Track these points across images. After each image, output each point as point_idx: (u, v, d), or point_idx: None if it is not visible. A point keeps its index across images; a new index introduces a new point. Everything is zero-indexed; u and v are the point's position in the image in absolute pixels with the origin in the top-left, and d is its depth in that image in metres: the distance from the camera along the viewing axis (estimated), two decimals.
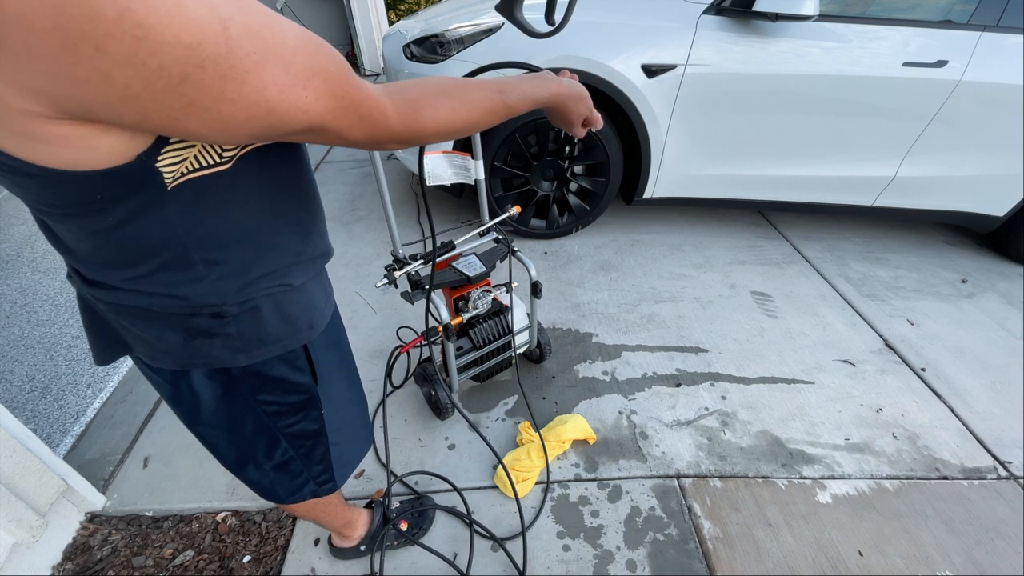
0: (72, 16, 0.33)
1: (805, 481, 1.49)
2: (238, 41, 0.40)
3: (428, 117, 0.58)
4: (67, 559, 1.31)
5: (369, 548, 1.26)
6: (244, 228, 0.59)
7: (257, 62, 0.41)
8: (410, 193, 3.08)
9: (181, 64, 0.37)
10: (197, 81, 0.39)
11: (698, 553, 1.31)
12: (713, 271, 2.41)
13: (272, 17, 0.43)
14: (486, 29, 2.14)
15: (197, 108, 0.41)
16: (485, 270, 1.46)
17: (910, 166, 2.32)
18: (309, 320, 0.72)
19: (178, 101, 0.39)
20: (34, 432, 1.27)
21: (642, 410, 1.70)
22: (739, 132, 2.27)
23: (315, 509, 1.07)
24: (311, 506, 1.04)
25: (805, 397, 1.77)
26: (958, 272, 2.49)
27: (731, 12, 2.04)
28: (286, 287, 0.67)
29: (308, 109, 0.46)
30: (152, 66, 0.37)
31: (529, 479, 1.45)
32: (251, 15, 0.41)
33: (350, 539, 1.25)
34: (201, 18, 0.37)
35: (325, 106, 0.48)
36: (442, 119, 0.59)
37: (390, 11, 6.12)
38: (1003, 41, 2.06)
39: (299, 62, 0.44)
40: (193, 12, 0.37)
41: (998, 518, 1.41)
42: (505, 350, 1.63)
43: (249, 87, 0.42)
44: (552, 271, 2.39)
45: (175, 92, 0.39)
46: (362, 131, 0.53)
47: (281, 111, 0.45)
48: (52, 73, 0.36)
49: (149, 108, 0.39)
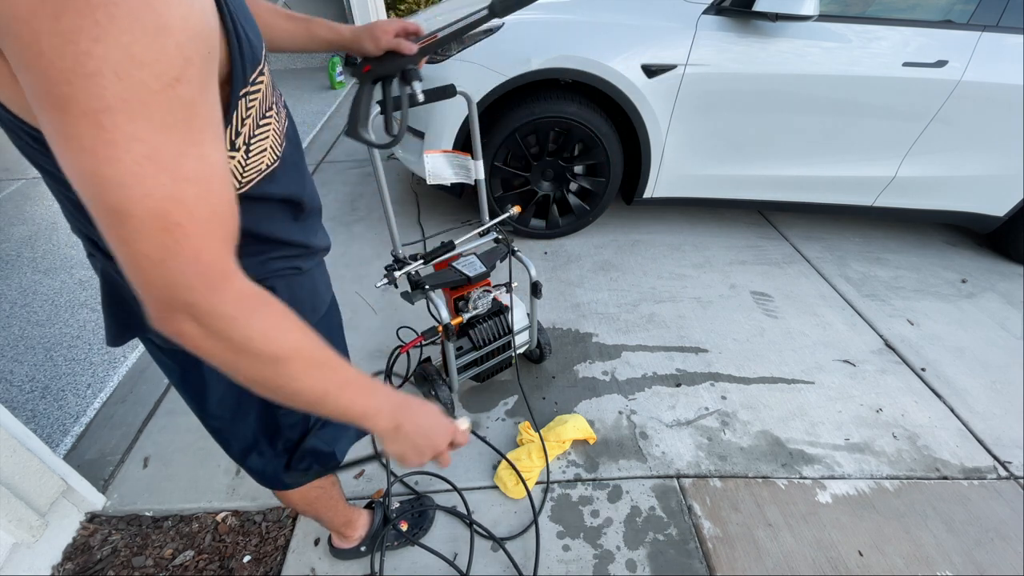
0: None
1: (805, 481, 1.49)
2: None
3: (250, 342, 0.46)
4: (67, 559, 1.31)
5: (369, 549, 1.26)
6: (261, 223, 0.63)
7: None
8: (410, 193, 3.08)
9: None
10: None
11: (698, 553, 1.31)
12: (713, 271, 2.41)
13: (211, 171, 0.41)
14: (486, 29, 2.14)
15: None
16: (485, 270, 1.46)
17: (910, 166, 2.32)
18: (312, 303, 0.77)
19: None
20: (34, 432, 1.27)
21: (642, 410, 1.70)
22: (739, 132, 2.27)
23: (317, 504, 1.07)
24: (313, 500, 1.04)
25: (805, 397, 1.77)
26: (958, 272, 2.49)
27: (731, 12, 2.04)
28: (296, 270, 0.72)
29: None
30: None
31: (529, 479, 1.45)
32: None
33: (350, 539, 1.24)
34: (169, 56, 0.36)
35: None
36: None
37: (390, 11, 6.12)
38: (1003, 41, 2.06)
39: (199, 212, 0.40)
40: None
41: (998, 518, 1.41)
42: (505, 350, 1.63)
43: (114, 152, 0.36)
44: (552, 271, 2.39)
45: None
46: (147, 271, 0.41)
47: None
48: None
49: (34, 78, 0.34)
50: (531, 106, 2.21)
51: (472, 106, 1.39)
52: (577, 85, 2.20)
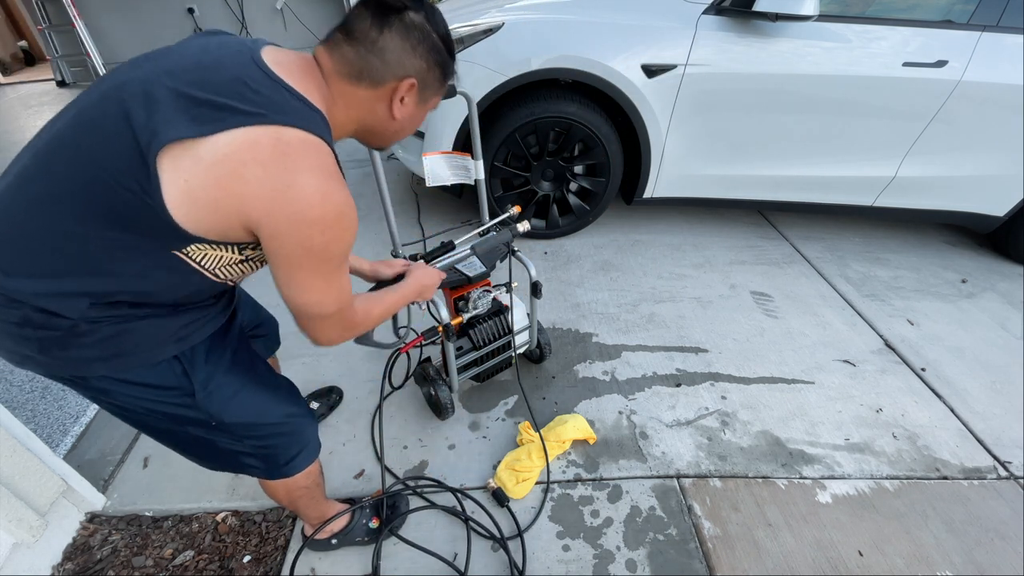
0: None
1: (805, 481, 1.49)
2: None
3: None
4: (67, 559, 1.31)
5: (340, 543, 1.29)
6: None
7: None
8: (410, 193, 3.08)
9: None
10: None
11: (698, 553, 1.31)
12: (713, 271, 2.41)
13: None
14: (486, 29, 2.14)
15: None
16: (485, 270, 1.46)
17: (910, 166, 2.32)
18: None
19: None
20: (34, 432, 1.26)
21: (642, 410, 1.70)
22: (739, 132, 2.27)
23: (299, 501, 1.15)
24: (296, 498, 1.13)
25: (805, 397, 1.77)
26: (958, 272, 2.49)
27: (731, 12, 2.04)
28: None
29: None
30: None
31: (529, 479, 1.45)
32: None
33: (325, 531, 1.27)
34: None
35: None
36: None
37: None
38: (1003, 41, 2.06)
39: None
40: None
41: (998, 518, 1.41)
42: (505, 350, 1.63)
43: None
44: (552, 271, 2.39)
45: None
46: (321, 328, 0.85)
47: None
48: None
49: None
50: (531, 106, 2.21)
51: (472, 106, 1.39)
52: (577, 85, 2.20)
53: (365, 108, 0.81)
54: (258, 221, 0.68)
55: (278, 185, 0.66)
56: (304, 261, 0.72)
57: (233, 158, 0.64)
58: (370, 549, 1.30)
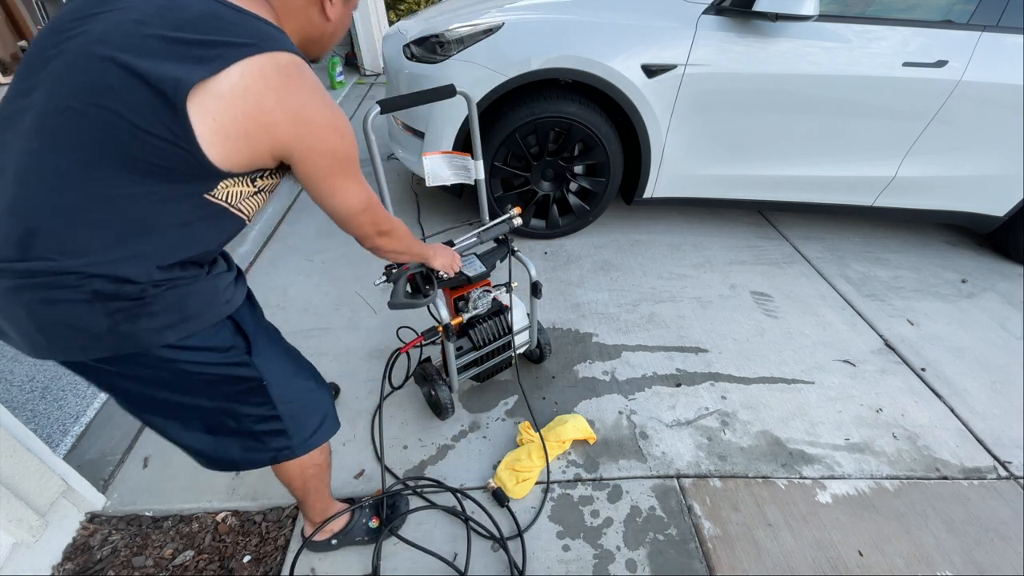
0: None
1: (805, 481, 1.49)
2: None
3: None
4: (67, 559, 1.31)
5: (340, 543, 1.28)
6: None
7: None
8: (410, 193, 3.08)
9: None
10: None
11: (698, 553, 1.31)
12: (713, 271, 2.41)
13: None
14: (486, 29, 2.14)
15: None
16: (485, 270, 1.46)
17: (910, 166, 2.32)
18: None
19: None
20: (34, 432, 1.27)
21: (642, 410, 1.70)
22: (739, 132, 2.27)
23: (310, 481, 1.14)
24: (309, 476, 1.12)
25: (805, 397, 1.77)
26: (958, 272, 2.49)
27: (731, 12, 2.04)
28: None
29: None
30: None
31: (529, 479, 1.45)
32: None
33: (325, 532, 1.26)
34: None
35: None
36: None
37: (390, 11, 6.12)
38: (1003, 41, 2.06)
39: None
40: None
41: (998, 518, 1.41)
42: (505, 350, 1.63)
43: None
44: (552, 271, 2.39)
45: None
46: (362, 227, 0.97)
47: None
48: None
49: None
50: (531, 106, 2.21)
51: (472, 106, 1.39)
52: (577, 85, 2.20)
53: (303, 17, 0.85)
54: (288, 145, 0.74)
55: (294, 106, 0.72)
56: (336, 167, 0.81)
57: (251, 90, 0.68)
58: (370, 549, 1.30)
